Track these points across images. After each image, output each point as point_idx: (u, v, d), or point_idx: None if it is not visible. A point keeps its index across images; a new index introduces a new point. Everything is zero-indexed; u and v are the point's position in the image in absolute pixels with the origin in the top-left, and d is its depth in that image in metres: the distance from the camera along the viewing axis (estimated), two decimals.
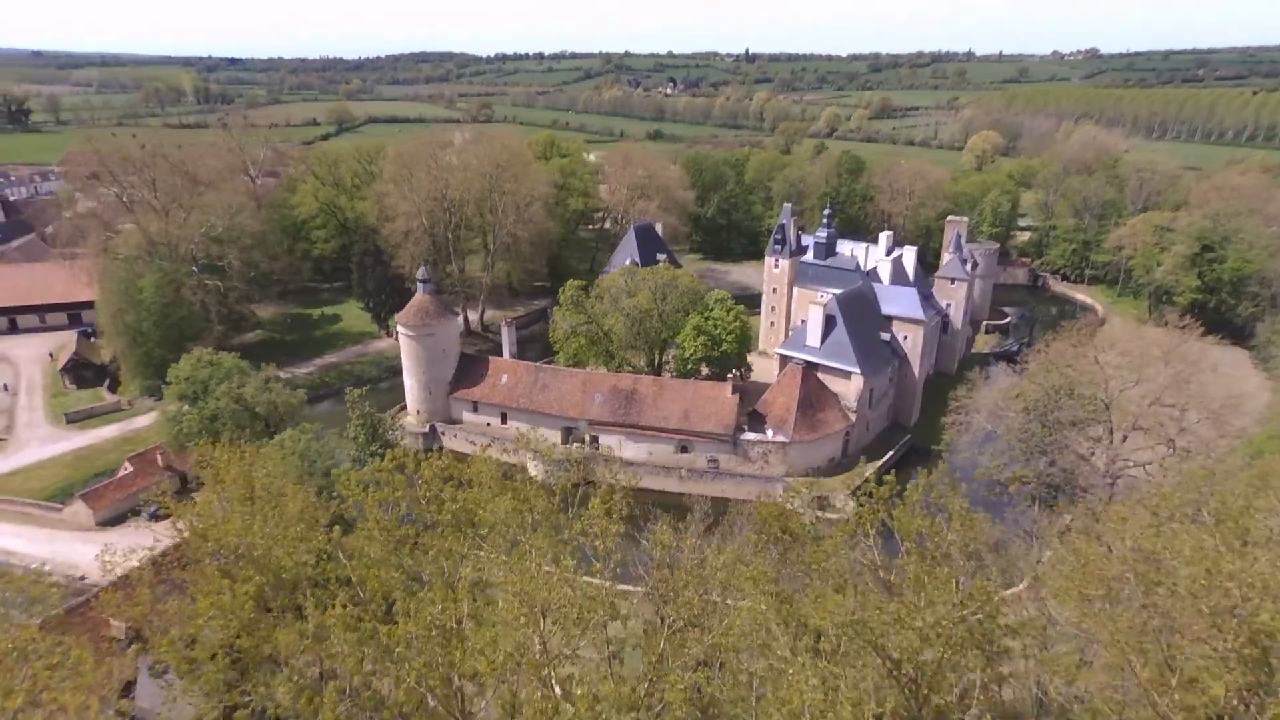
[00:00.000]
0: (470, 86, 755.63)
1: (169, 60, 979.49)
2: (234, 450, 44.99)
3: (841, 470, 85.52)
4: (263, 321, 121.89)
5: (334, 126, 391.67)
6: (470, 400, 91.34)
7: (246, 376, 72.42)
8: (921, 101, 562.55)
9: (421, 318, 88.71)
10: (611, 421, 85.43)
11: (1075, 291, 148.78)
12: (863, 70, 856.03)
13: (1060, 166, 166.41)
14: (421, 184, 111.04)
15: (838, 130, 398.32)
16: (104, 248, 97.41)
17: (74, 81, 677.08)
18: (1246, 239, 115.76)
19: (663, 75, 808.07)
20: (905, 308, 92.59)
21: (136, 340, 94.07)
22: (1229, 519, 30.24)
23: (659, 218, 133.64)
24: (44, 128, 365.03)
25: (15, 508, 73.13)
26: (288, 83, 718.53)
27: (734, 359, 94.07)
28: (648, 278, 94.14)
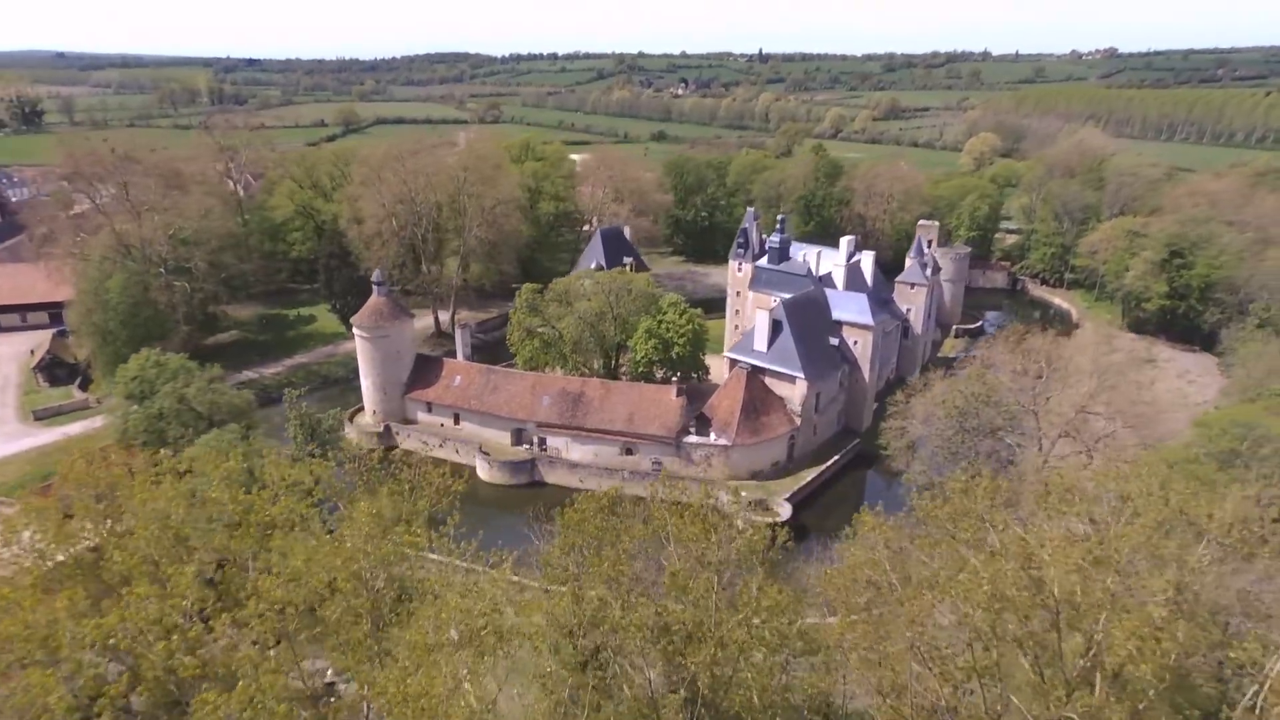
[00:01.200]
0: (483, 87, 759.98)
1: (190, 61, 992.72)
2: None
3: (785, 474, 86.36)
4: (238, 322, 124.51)
5: (341, 128, 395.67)
6: (424, 401, 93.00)
7: (191, 376, 74.32)
8: (932, 102, 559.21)
9: (376, 319, 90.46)
10: (558, 424, 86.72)
11: (1053, 296, 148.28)
12: (876, 70, 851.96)
13: (1044, 169, 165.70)
14: (391, 187, 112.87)
15: (842, 131, 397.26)
16: (76, 249, 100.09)
17: (94, 83, 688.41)
18: (1216, 245, 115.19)
19: (675, 76, 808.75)
20: (855, 313, 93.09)
21: (106, 340, 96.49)
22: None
23: (632, 221, 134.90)
24: (57, 129, 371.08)
25: None
26: (302, 83, 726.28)
27: (687, 362, 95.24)
28: (602, 281, 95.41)
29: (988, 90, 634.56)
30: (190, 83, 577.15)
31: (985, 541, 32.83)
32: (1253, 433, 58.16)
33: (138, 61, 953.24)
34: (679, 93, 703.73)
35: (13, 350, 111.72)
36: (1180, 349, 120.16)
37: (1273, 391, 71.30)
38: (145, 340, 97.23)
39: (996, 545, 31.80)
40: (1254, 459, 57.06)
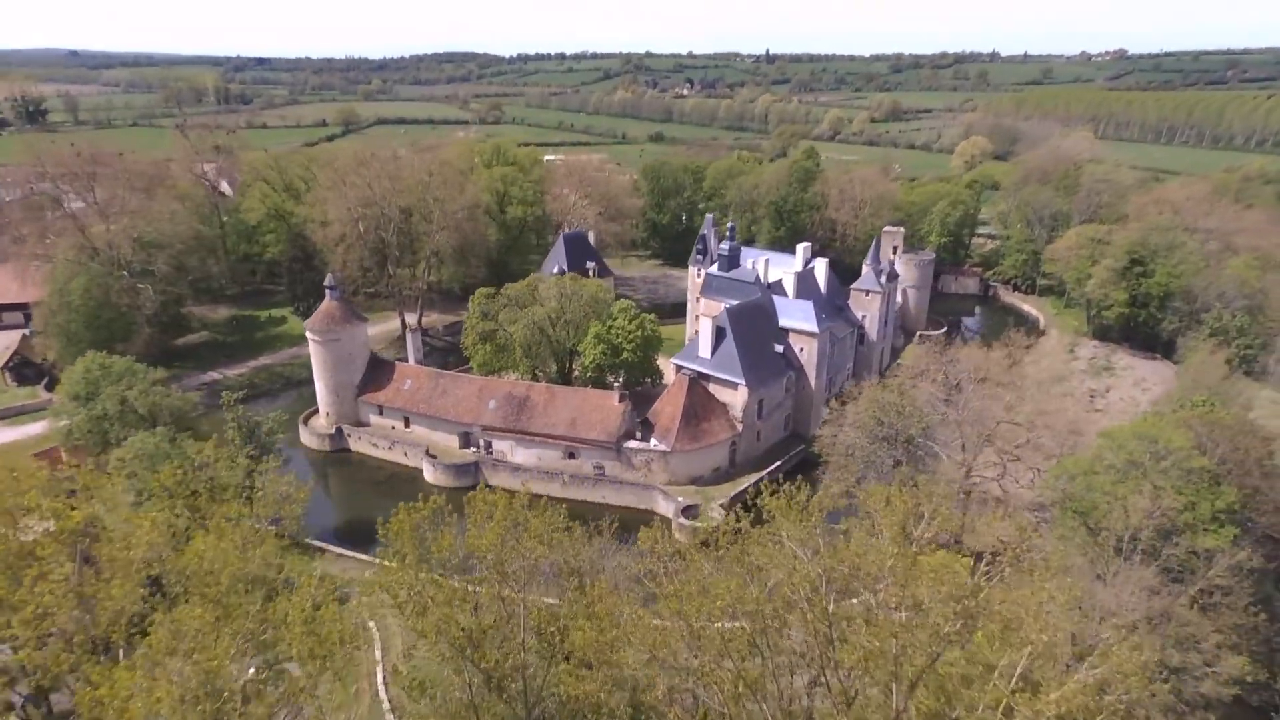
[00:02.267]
0: (489, 87, 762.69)
1: (200, 60, 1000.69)
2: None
3: (726, 480, 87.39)
4: (210, 323, 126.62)
5: (341, 128, 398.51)
6: (376, 404, 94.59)
7: (135, 379, 76.03)
8: (935, 104, 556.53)
9: (328, 323, 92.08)
10: (503, 427, 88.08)
11: (1023, 302, 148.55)
12: (883, 71, 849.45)
13: (1021, 175, 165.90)
14: (356, 190, 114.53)
15: (840, 134, 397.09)
16: (42, 250, 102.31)
17: (104, 81, 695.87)
18: (1176, 254, 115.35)
19: (681, 76, 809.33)
20: (801, 320, 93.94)
21: (70, 341, 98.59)
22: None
23: (601, 225, 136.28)
24: (61, 128, 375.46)
25: None
26: (310, 83, 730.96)
27: (637, 367, 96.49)
28: (552, 286, 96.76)
29: (993, 92, 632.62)
30: (197, 82, 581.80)
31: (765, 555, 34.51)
32: (1153, 446, 58.80)
33: (149, 60, 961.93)
34: (684, 93, 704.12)
35: None
36: (1141, 357, 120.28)
37: (1196, 401, 71.75)
38: (108, 341, 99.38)
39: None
40: (1154, 471, 57.78)
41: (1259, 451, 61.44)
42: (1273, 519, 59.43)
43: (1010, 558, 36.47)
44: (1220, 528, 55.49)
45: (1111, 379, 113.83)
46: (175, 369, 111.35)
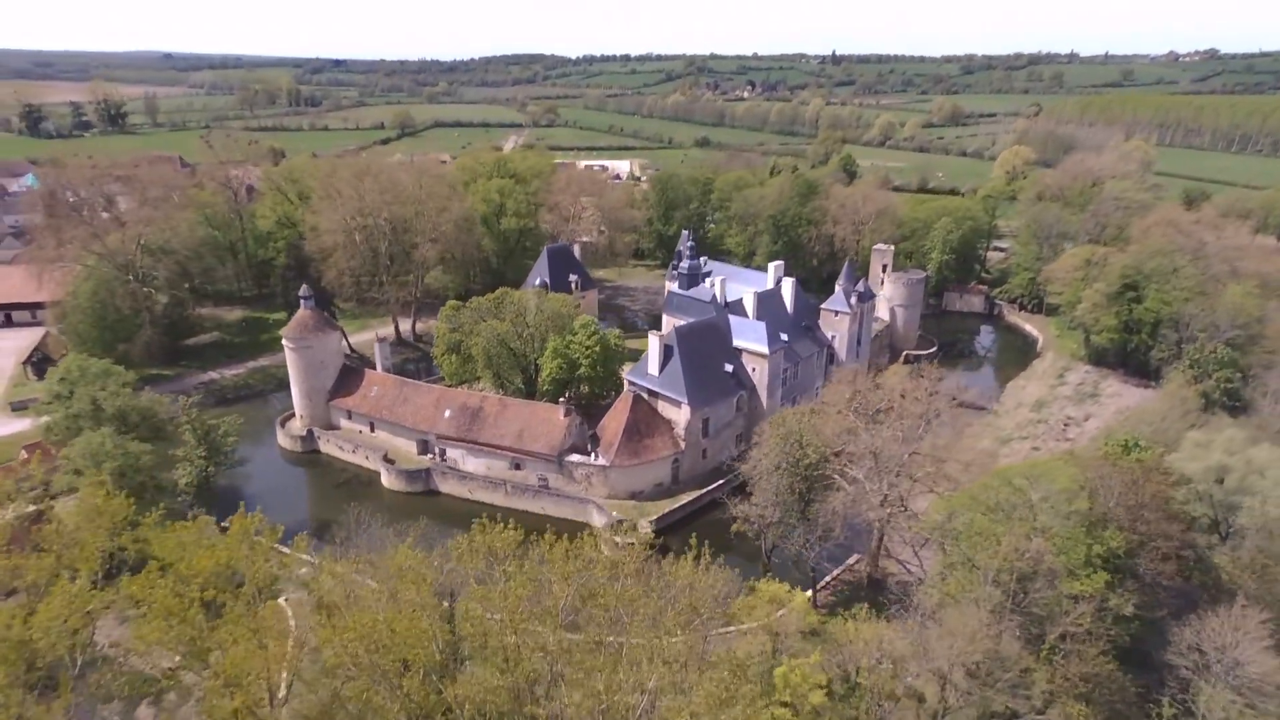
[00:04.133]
0: (552, 88, 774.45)
1: (281, 62, 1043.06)
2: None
3: (667, 496, 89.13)
4: (221, 324, 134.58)
5: (396, 131, 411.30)
6: (345, 409, 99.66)
7: (109, 380, 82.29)
8: (1001, 108, 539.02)
9: (301, 331, 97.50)
10: (455, 436, 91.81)
11: (1027, 322, 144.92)
12: (954, 73, 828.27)
13: (1037, 189, 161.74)
14: (349, 202, 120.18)
15: (890, 139, 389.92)
16: (57, 255, 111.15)
17: (190, 84, 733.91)
18: (1170, 280, 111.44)
19: (743, 78, 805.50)
20: (754, 340, 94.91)
21: (79, 340, 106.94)
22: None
23: (596, 236, 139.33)
24: (140, 130, 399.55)
25: None
26: (380, 84, 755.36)
27: (595, 381, 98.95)
28: (515, 300, 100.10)
29: (1064, 95, 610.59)
30: (273, 84, 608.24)
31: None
32: (1037, 484, 58.34)
33: (236, 62, 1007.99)
34: (744, 95, 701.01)
35: (17, 344, 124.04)
36: (1133, 384, 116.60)
37: (1117, 441, 70.22)
38: (113, 342, 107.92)
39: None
40: (1038, 510, 57.39)
41: (1158, 496, 60.09)
42: (1161, 566, 58.09)
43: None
44: (1092, 574, 54.90)
45: (1094, 406, 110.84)
46: (180, 368, 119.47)
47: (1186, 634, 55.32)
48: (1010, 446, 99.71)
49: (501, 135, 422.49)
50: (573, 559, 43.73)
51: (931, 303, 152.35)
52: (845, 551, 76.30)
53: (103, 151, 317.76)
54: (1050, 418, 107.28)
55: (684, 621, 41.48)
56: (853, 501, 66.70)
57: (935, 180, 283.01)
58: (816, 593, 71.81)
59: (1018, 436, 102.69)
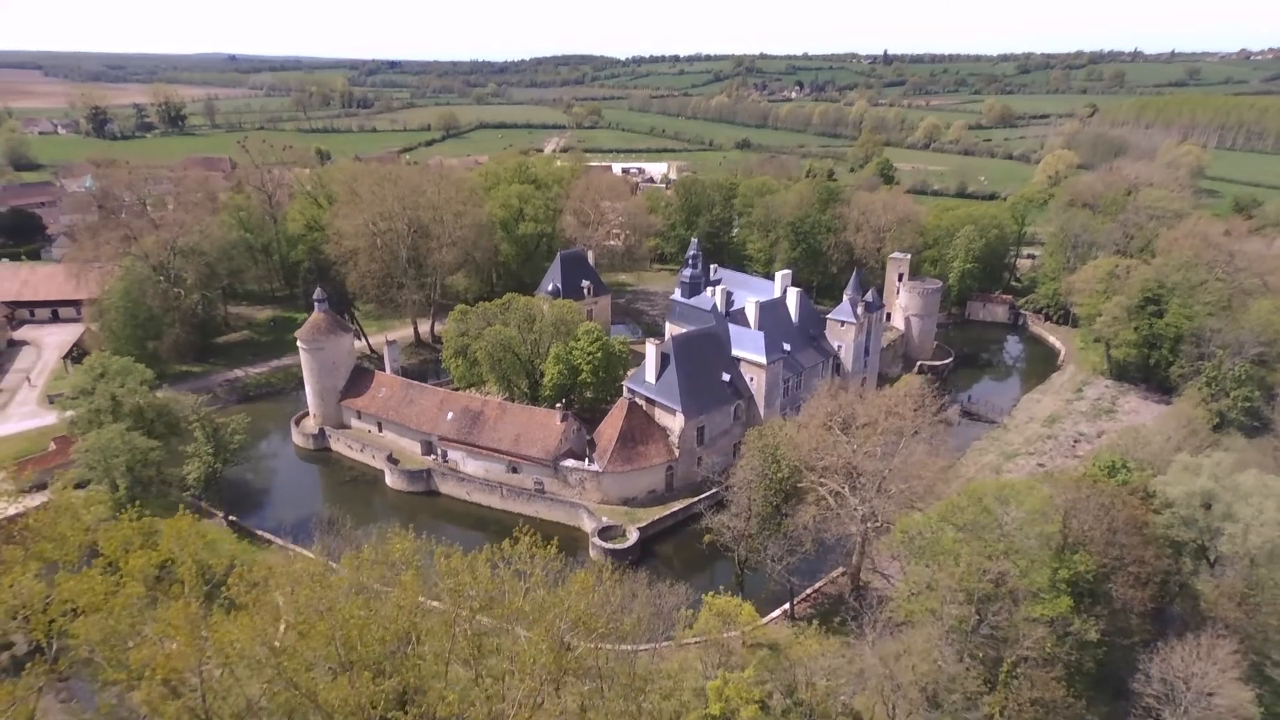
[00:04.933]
0: (599, 89, 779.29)
1: (339, 64, 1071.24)
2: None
3: (660, 503, 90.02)
4: (252, 323, 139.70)
5: (441, 133, 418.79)
6: (355, 409, 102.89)
7: (128, 377, 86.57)
8: (1056, 108, 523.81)
9: (313, 334, 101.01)
10: (455, 439, 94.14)
11: (1052, 334, 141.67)
12: (1010, 72, 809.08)
13: (1068, 196, 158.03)
14: (370, 206, 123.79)
15: (935, 142, 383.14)
16: (94, 255, 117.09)
17: (251, 85, 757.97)
18: (1193, 295, 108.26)
19: (792, 79, 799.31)
20: (751, 350, 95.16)
21: (112, 337, 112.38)
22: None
23: (611, 242, 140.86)
24: (198, 131, 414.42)
25: None
26: (431, 86, 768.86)
27: (596, 387, 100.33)
28: (518, 308, 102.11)
29: (1126, 95, 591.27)
30: (328, 86, 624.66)
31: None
32: (1007, 504, 57.77)
33: (296, 64, 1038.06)
34: (791, 96, 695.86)
35: (60, 340, 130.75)
36: (1154, 400, 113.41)
37: (1104, 462, 68.88)
38: (142, 339, 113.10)
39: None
40: (992, 529, 56.88)
41: (1132, 520, 58.97)
42: (1132, 592, 57.04)
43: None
44: (1055, 597, 54.24)
45: (1109, 423, 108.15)
46: (208, 365, 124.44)
47: (1156, 661, 54.48)
48: (1015, 462, 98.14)
49: (544, 137, 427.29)
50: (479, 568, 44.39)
51: (954, 312, 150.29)
52: (833, 564, 76.43)
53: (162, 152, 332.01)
54: (1061, 434, 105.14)
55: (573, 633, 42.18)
56: (823, 517, 66.71)
57: (976, 185, 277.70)
58: (794, 606, 72.08)
59: (1025, 452, 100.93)
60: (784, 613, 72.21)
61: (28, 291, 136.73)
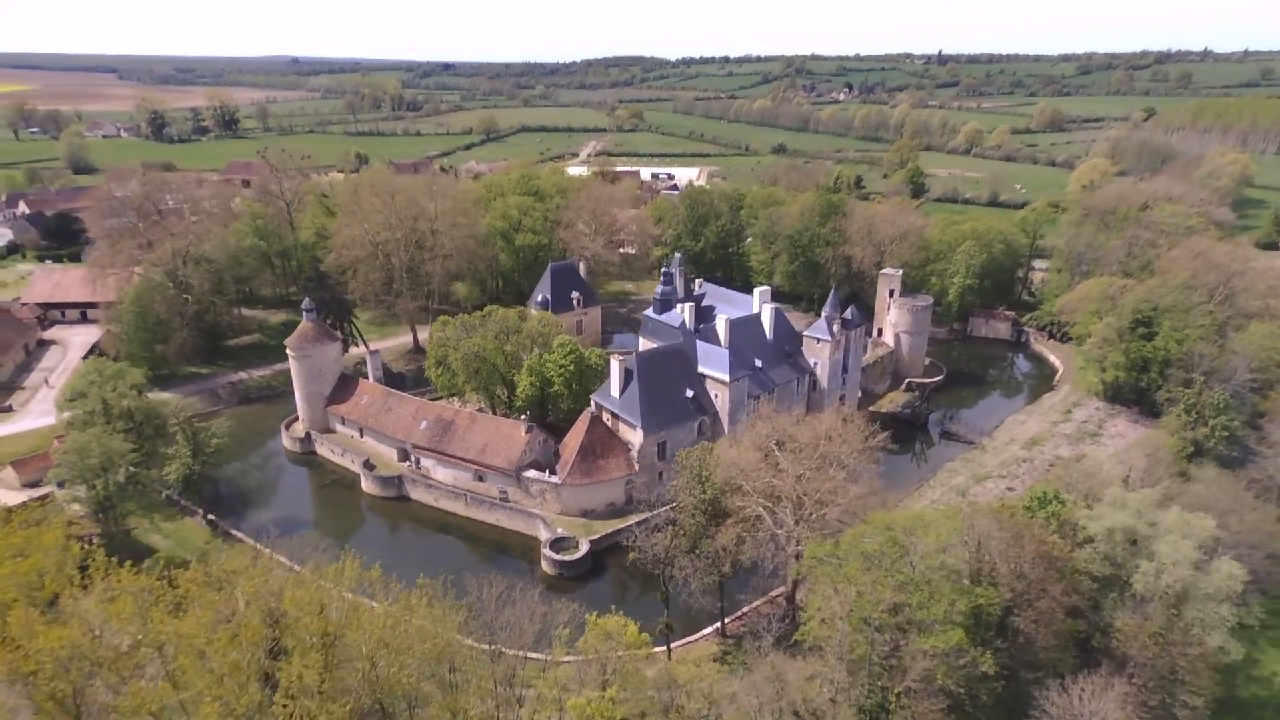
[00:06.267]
0: (647, 91, 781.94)
1: (396, 65, 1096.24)
2: None
3: (619, 515, 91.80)
4: (264, 327, 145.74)
5: (481, 137, 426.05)
6: (340, 415, 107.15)
7: (120, 382, 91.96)
8: (1114, 111, 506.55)
9: (301, 342, 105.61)
10: (428, 447, 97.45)
11: (1053, 352, 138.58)
12: (1070, 73, 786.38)
13: (1081, 211, 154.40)
14: (370, 217, 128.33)
15: (976, 147, 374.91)
16: (109, 261, 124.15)
17: (309, 88, 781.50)
18: (1184, 317, 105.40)
19: (841, 80, 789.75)
20: (716, 368, 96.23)
21: (123, 339, 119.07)
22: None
23: (609, 253, 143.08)
24: (251, 134, 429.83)
25: None
26: (481, 88, 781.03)
27: (570, 399, 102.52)
28: (497, 319, 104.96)
29: (1190, 96, 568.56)
30: (381, 88, 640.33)
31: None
32: (909, 535, 58.07)
33: (354, 66, 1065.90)
34: (839, 98, 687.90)
35: (85, 340, 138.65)
36: (1144, 424, 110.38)
37: (1035, 494, 68.27)
38: (151, 342, 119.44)
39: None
40: (896, 558, 57.25)
41: (1042, 555, 58.59)
42: (1038, 627, 56.78)
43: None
44: (949, 629, 54.41)
45: (1092, 447, 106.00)
46: (216, 367, 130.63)
47: (1053, 697, 54.36)
48: (984, 485, 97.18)
49: (582, 140, 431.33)
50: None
51: (956, 328, 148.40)
52: (781, 583, 77.01)
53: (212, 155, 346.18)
54: (1039, 457, 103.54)
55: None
56: (744, 539, 67.51)
57: (1010, 193, 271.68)
58: (725, 624, 73.23)
59: (997, 475, 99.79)
60: (715, 630, 73.53)
61: (59, 293, 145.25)
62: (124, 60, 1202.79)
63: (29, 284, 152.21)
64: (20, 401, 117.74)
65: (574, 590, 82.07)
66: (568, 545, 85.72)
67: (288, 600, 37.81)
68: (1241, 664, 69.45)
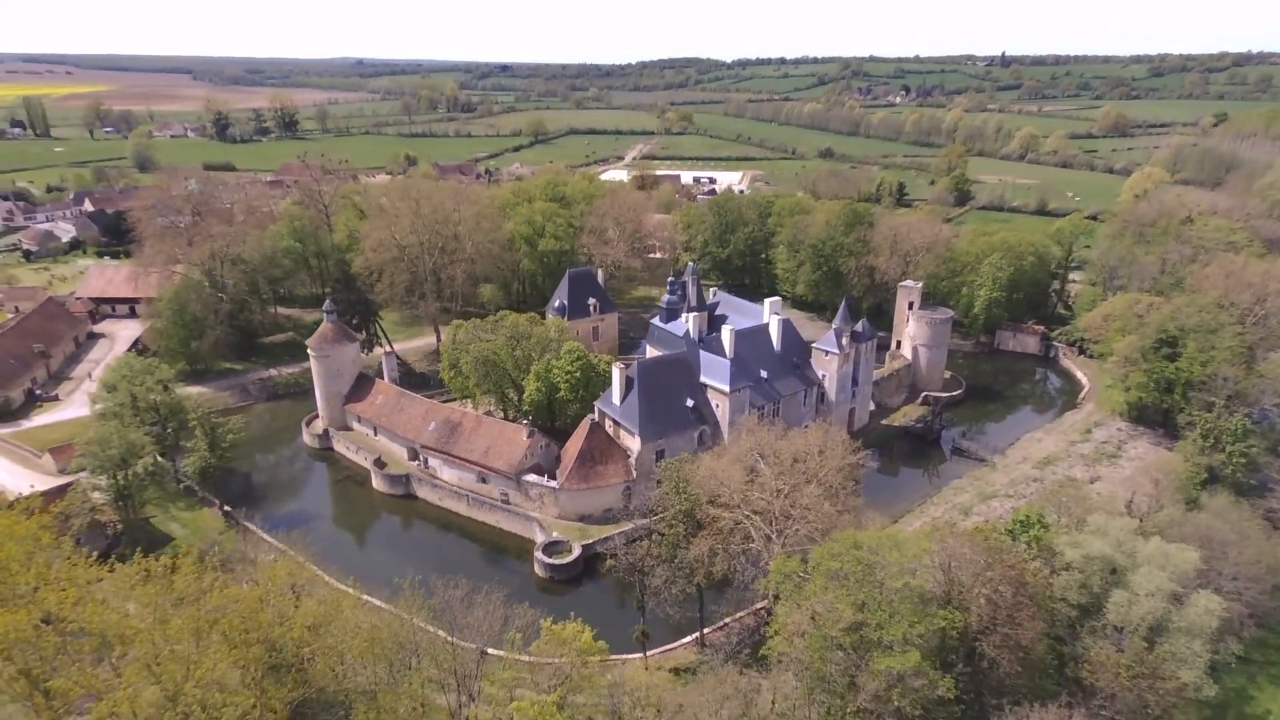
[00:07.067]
0: (701, 93, 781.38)
1: (455, 67, 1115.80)
2: None
3: (615, 521, 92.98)
4: (298, 325, 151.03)
5: (529, 139, 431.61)
6: (356, 414, 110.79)
7: (148, 377, 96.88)
8: (1183, 116, 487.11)
9: (321, 342, 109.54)
10: (435, 447, 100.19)
11: (1081, 368, 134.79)
12: (1141, 75, 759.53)
13: (1119, 225, 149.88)
14: (396, 221, 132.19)
15: (1030, 153, 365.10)
16: (151, 260, 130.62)
17: (370, 89, 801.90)
18: (1213, 338, 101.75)
19: (899, 82, 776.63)
20: (717, 379, 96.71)
21: (162, 335, 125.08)
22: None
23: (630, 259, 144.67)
24: (310, 135, 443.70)
25: (20, 450, 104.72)
26: (536, 90, 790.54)
27: (576, 404, 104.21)
28: (508, 324, 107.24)
29: (1270, 100, 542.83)
30: (439, 90, 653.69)
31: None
32: (875, 554, 57.87)
33: (416, 68, 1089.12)
34: (895, 101, 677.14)
35: (131, 334, 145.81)
36: (1166, 447, 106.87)
37: (1018, 518, 67.14)
38: (187, 338, 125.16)
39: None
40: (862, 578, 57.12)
41: (1009, 580, 57.77)
42: (1002, 653, 56.03)
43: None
44: (905, 651, 54.16)
45: (1108, 468, 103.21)
46: (249, 363, 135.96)
47: None
48: (989, 505, 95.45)
49: (629, 143, 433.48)
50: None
51: (983, 340, 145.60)
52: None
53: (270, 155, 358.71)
54: (1050, 477, 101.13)
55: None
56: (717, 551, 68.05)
57: (1061, 201, 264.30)
58: (704, 635, 73.85)
59: (1003, 494, 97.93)
60: (695, 640, 74.18)
61: (110, 289, 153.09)
62: (199, 61, 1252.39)
63: (84, 279, 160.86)
64: (66, 391, 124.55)
65: (564, 594, 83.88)
66: (560, 549, 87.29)
67: (215, 599, 40.03)
68: (1235, 699, 67.77)
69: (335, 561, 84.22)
